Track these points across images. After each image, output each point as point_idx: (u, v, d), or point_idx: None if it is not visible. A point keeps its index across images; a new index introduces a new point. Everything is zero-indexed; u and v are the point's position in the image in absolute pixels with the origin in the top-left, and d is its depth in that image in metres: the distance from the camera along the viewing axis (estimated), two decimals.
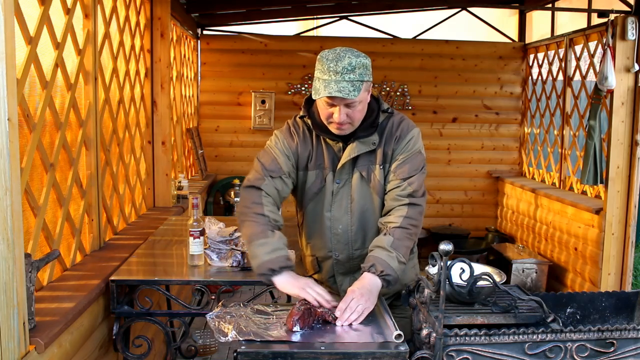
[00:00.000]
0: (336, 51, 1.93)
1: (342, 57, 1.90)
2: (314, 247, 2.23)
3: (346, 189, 2.11)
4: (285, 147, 2.11)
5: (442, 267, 1.67)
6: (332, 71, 1.89)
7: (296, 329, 1.75)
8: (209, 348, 3.86)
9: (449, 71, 6.24)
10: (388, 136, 2.10)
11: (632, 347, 1.75)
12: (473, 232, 6.25)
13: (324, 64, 1.91)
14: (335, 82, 1.88)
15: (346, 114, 1.95)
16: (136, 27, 3.62)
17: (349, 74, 1.89)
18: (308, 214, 2.19)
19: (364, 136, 2.06)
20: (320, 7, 6.09)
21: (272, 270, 1.91)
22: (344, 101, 1.92)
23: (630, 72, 4.21)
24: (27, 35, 2.09)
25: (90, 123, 2.72)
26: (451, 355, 1.68)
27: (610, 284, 4.29)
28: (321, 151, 2.11)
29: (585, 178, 4.41)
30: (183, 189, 4.46)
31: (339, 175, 2.10)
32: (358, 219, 2.12)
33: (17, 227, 1.57)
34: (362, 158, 2.09)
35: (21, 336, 1.59)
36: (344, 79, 1.88)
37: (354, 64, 1.89)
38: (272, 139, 2.16)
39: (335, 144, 2.09)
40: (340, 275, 2.21)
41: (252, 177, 2.08)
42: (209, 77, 6.12)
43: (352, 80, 1.89)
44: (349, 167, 2.10)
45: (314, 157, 2.12)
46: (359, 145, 2.06)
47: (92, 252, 2.74)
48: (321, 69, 1.92)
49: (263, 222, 1.99)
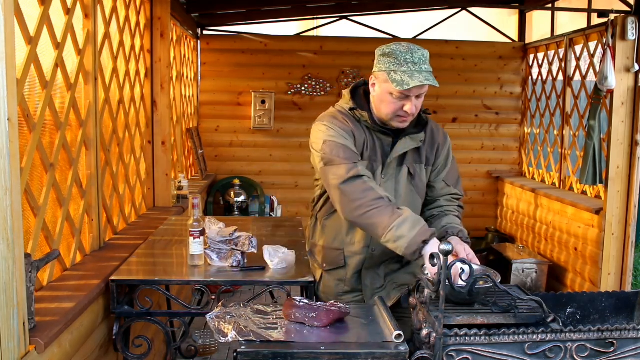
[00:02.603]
0: (404, 45, 2.01)
1: (413, 49, 1.98)
2: (347, 242, 2.21)
3: (391, 183, 2.15)
4: (344, 132, 2.06)
5: (442, 267, 1.67)
6: (409, 62, 1.95)
7: (293, 317, 1.80)
8: (209, 348, 3.86)
9: (449, 71, 6.24)
10: (430, 139, 2.20)
11: (632, 347, 1.75)
12: (473, 232, 6.24)
13: (400, 57, 1.96)
14: (418, 72, 1.95)
15: (415, 105, 2.03)
16: (136, 27, 3.62)
17: (424, 64, 1.97)
18: None
19: (414, 133, 2.13)
20: (320, 7, 6.09)
21: (424, 241, 1.86)
22: (419, 91, 1.99)
23: (630, 72, 4.21)
24: (27, 35, 2.08)
25: (90, 123, 2.72)
26: (451, 355, 1.68)
27: (610, 284, 4.29)
28: (372, 144, 2.13)
29: (584, 178, 4.41)
30: (183, 189, 4.46)
31: (386, 170, 2.14)
32: None
33: (17, 227, 1.57)
34: (410, 155, 2.16)
35: (21, 336, 1.59)
36: (422, 69, 1.96)
37: (426, 55, 1.99)
38: (325, 131, 2.06)
39: (386, 138, 2.13)
40: (365, 270, 2.24)
41: (340, 173, 1.96)
42: (209, 77, 6.12)
43: (428, 70, 1.98)
44: (395, 162, 2.15)
45: (368, 148, 2.12)
46: (409, 141, 2.13)
47: (92, 252, 2.74)
48: (396, 62, 1.97)
49: (385, 204, 1.92)
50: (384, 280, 2.27)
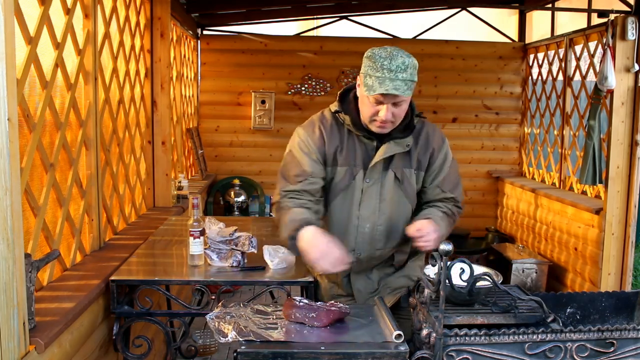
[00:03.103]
0: (387, 50, 1.96)
1: (395, 55, 1.93)
2: None
3: (376, 188, 2.12)
4: (308, 145, 2.11)
5: (442, 267, 1.67)
6: (385, 69, 1.91)
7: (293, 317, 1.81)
8: (209, 348, 3.86)
9: (449, 71, 6.24)
10: (424, 144, 2.15)
11: (632, 347, 1.75)
12: (473, 232, 6.25)
13: (377, 62, 1.93)
14: (390, 80, 1.91)
15: (392, 112, 1.98)
16: (136, 27, 3.62)
17: (402, 73, 1.92)
18: (334, 211, 2.18)
19: (400, 137, 2.09)
20: (320, 7, 6.09)
21: (296, 229, 1.95)
22: (394, 99, 1.95)
23: (630, 72, 4.21)
24: (27, 35, 2.08)
25: (90, 123, 2.71)
26: (451, 355, 1.68)
27: (610, 284, 4.29)
28: (353, 148, 2.12)
29: (584, 178, 4.41)
30: (183, 189, 4.46)
31: (370, 174, 2.11)
32: (386, 220, 2.13)
33: (17, 227, 1.57)
34: (397, 159, 2.11)
35: (21, 336, 1.59)
36: (397, 77, 1.91)
37: (407, 63, 1.93)
38: (294, 139, 2.16)
39: (369, 142, 2.10)
40: (354, 274, 2.22)
41: (273, 194, 2.17)
42: (209, 77, 6.12)
43: (405, 79, 1.93)
44: (380, 166, 2.11)
45: (344, 153, 2.12)
46: (393, 146, 2.08)
47: (92, 252, 2.74)
48: (373, 67, 1.94)
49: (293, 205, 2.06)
50: (377, 285, 2.26)
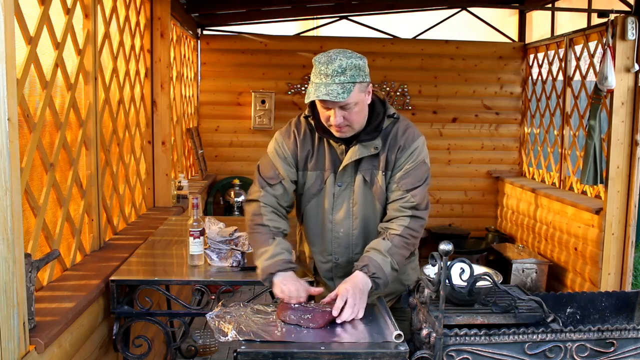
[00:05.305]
0: (329, 54, 1.92)
1: (334, 59, 1.89)
2: (314, 249, 2.22)
3: (348, 192, 2.10)
4: (283, 150, 2.12)
5: (442, 267, 1.67)
6: (322, 74, 1.88)
7: (287, 319, 1.81)
8: (209, 348, 3.87)
9: (449, 71, 6.24)
10: (392, 143, 2.07)
11: (632, 347, 1.75)
12: (473, 232, 6.26)
13: (316, 67, 1.91)
14: (325, 85, 1.87)
15: (343, 116, 1.94)
16: (136, 27, 3.62)
17: (339, 77, 1.87)
18: (308, 216, 2.18)
19: (367, 140, 2.04)
20: (320, 7, 6.09)
21: (271, 273, 1.96)
22: (337, 104, 1.91)
23: (630, 72, 4.21)
24: (27, 35, 2.08)
25: (90, 123, 2.72)
26: (451, 355, 1.68)
27: (610, 284, 4.29)
28: (322, 152, 2.10)
29: (585, 178, 4.41)
30: (183, 189, 4.46)
31: (340, 178, 2.09)
32: (360, 223, 2.11)
33: (17, 227, 1.57)
34: (365, 162, 2.07)
35: (21, 336, 1.59)
36: (334, 81, 1.87)
37: (345, 65, 1.88)
38: (272, 143, 2.18)
39: (338, 146, 2.08)
40: (338, 279, 2.19)
41: (251, 191, 2.17)
42: (209, 77, 6.12)
43: (342, 82, 1.87)
44: (351, 170, 2.08)
45: (314, 158, 2.11)
46: (360, 149, 2.04)
47: (92, 252, 2.74)
48: (314, 72, 1.92)
49: (263, 231, 2.06)
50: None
